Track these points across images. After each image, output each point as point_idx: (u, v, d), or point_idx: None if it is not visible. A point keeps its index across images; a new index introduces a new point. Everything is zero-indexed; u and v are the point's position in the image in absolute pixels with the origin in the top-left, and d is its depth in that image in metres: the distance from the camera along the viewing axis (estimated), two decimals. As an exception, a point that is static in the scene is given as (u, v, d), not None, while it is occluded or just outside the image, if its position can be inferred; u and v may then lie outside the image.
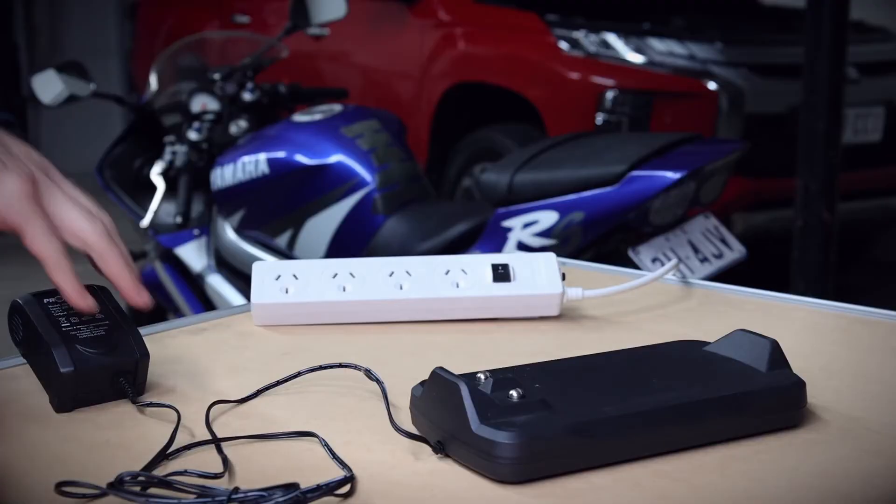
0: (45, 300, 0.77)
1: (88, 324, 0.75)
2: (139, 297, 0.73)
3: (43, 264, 0.70)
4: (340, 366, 0.79)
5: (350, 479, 0.63)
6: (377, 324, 0.96)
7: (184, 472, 0.63)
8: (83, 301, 0.71)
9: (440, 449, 0.66)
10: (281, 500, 0.58)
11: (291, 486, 0.59)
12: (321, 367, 0.80)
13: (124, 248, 0.73)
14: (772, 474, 0.65)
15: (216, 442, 0.68)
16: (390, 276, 0.96)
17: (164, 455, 0.66)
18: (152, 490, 0.61)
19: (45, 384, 0.76)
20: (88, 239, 0.71)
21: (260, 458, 0.67)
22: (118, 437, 0.70)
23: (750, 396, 0.70)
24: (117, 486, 0.60)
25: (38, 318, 0.75)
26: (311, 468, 0.66)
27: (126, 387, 0.75)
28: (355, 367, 0.79)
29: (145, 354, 0.76)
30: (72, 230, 0.71)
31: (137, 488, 0.60)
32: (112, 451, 0.68)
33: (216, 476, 0.64)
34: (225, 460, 0.66)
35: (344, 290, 0.95)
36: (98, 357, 0.74)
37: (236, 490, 0.59)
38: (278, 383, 0.79)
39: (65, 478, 0.61)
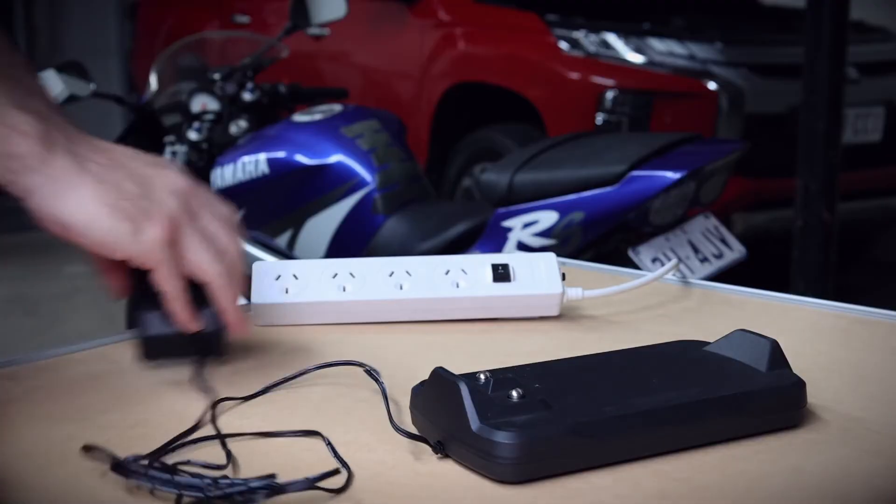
0: None
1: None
2: (240, 328, 0.83)
3: (165, 295, 0.80)
4: (347, 363, 0.80)
5: (336, 472, 0.62)
6: (377, 324, 0.96)
7: (187, 462, 0.64)
8: (193, 324, 0.81)
9: (440, 449, 0.66)
10: (256, 486, 0.59)
11: (269, 476, 0.60)
12: (327, 365, 0.80)
13: (243, 276, 0.85)
14: (772, 474, 0.65)
15: (220, 437, 0.68)
16: (390, 276, 0.96)
17: (166, 449, 0.67)
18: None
19: (135, 335, 0.83)
20: (210, 279, 0.81)
21: (262, 455, 0.67)
22: (118, 438, 0.70)
23: (750, 396, 0.70)
24: (122, 466, 0.62)
25: (139, 276, 0.82)
26: (310, 466, 0.66)
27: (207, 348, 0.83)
28: (360, 364, 0.79)
29: (223, 328, 0.83)
30: (199, 271, 0.80)
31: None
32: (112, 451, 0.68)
33: (219, 467, 0.64)
34: (229, 454, 0.66)
35: (344, 290, 0.95)
36: (175, 324, 0.81)
37: (224, 478, 0.60)
38: (285, 380, 0.79)
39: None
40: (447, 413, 0.66)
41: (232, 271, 0.82)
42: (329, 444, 0.68)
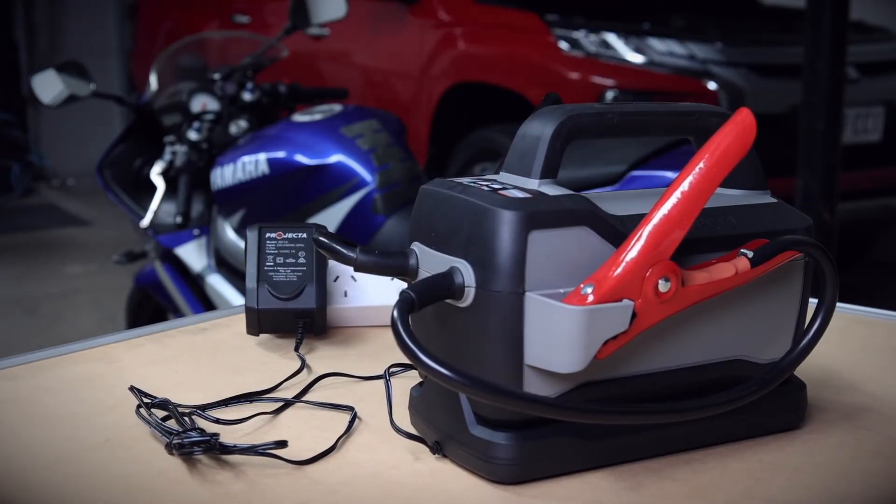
0: (268, 234, 0.91)
1: (289, 266, 0.88)
2: None
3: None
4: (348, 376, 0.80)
5: (283, 443, 0.66)
6: (373, 327, 0.96)
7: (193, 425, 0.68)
8: None
9: (438, 449, 0.66)
10: (197, 439, 0.65)
11: (214, 435, 0.66)
12: (334, 374, 0.80)
13: None
14: (772, 474, 0.65)
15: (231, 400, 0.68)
16: (391, 280, 0.96)
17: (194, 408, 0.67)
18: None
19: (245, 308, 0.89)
20: None
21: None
22: (118, 437, 0.70)
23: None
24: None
25: (252, 250, 0.90)
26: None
27: (301, 330, 0.88)
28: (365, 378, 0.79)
29: (322, 307, 0.88)
30: None
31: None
32: (112, 451, 0.68)
33: (213, 434, 0.66)
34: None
35: (346, 295, 0.95)
36: (280, 301, 0.87)
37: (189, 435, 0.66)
38: (288, 378, 0.79)
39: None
40: (445, 414, 0.66)
41: None
42: (354, 417, 0.73)
